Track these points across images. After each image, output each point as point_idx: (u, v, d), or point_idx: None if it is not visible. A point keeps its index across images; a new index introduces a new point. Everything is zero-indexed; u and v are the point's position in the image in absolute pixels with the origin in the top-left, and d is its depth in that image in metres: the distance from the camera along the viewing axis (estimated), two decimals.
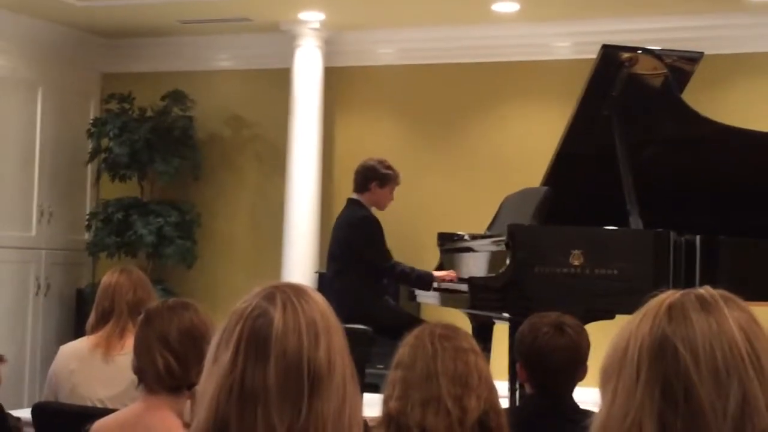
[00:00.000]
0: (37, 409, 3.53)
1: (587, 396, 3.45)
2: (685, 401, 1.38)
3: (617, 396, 1.45)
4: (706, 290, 1.47)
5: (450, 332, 2.42)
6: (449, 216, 7.84)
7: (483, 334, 5.78)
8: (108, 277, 3.86)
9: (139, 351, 2.80)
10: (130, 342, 3.47)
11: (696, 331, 1.40)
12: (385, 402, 2.37)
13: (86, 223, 8.71)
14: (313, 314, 1.58)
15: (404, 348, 2.41)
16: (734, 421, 1.36)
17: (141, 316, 2.87)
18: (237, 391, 1.53)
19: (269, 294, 1.60)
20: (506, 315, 5.20)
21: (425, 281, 6.06)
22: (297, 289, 1.62)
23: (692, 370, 1.38)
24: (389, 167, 6.23)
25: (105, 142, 8.53)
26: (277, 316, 1.56)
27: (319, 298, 1.63)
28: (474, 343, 2.43)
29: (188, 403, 2.61)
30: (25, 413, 4.09)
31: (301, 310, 1.58)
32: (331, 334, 1.58)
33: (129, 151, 8.34)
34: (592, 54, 5.46)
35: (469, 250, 6.05)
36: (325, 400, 1.53)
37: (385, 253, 6.10)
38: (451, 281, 5.94)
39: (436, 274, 6.05)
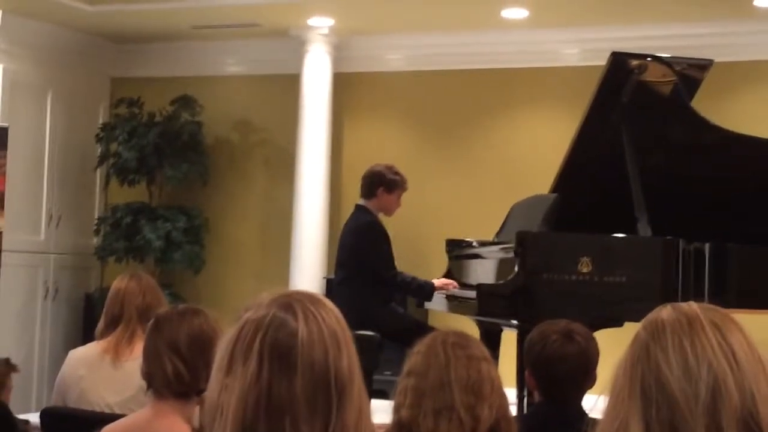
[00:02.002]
0: (46, 414, 3.54)
1: (596, 404, 3.44)
2: (658, 392, 1.48)
3: (610, 404, 1.56)
4: (688, 304, 1.58)
5: (462, 340, 2.42)
6: (457, 222, 7.84)
7: (491, 341, 5.76)
8: (118, 283, 3.86)
9: (149, 356, 2.80)
10: (139, 347, 3.47)
11: (666, 329, 1.53)
12: (396, 410, 2.37)
13: (95, 227, 8.72)
14: (333, 324, 1.57)
15: (416, 356, 2.40)
16: (706, 405, 1.46)
17: (151, 322, 2.87)
18: (264, 404, 1.52)
19: (285, 304, 1.58)
20: (514, 322, 5.20)
21: (425, 291, 6.05)
22: (313, 299, 1.60)
23: (662, 361, 1.50)
24: (397, 173, 6.22)
25: (114, 146, 8.55)
26: (300, 327, 1.55)
27: (333, 307, 1.62)
28: (486, 352, 2.43)
29: (197, 409, 2.61)
30: (33, 417, 4.11)
31: (322, 320, 1.56)
32: (349, 343, 1.58)
33: (138, 156, 8.36)
34: (602, 61, 5.46)
35: (477, 256, 6.05)
36: (348, 408, 1.53)
37: (388, 262, 6.08)
38: (450, 290, 5.95)
39: (436, 283, 6.04)
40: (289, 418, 1.51)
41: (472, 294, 5.32)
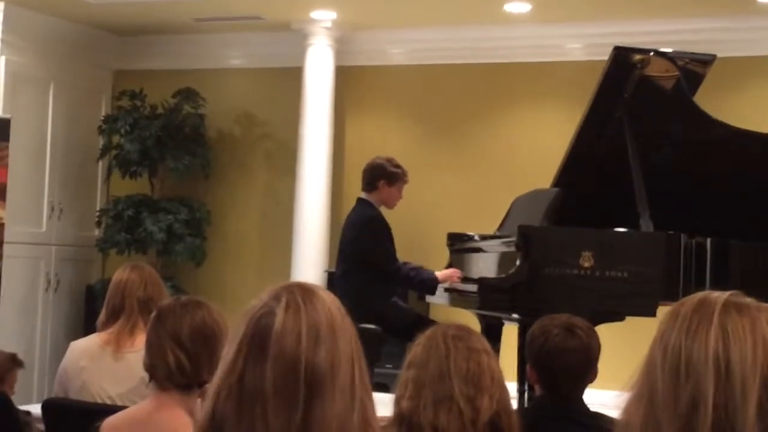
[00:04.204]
0: (48, 406, 3.54)
1: (597, 398, 3.45)
2: (648, 393, 1.46)
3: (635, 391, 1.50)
4: (731, 294, 1.49)
5: (463, 333, 2.42)
6: (459, 216, 7.84)
7: (492, 334, 5.77)
8: (119, 274, 3.86)
9: (151, 348, 2.80)
10: (140, 339, 3.48)
11: (676, 324, 1.47)
12: (397, 401, 2.37)
13: (96, 219, 8.73)
14: (316, 316, 1.57)
15: (417, 348, 2.41)
16: (684, 418, 1.42)
17: (153, 314, 2.87)
18: (236, 390, 1.54)
19: (277, 293, 1.60)
20: (516, 316, 5.20)
21: (428, 286, 6.02)
22: (305, 290, 1.61)
23: (659, 365, 1.45)
24: (397, 165, 6.21)
25: (116, 138, 8.56)
26: (278, 316, 1.56)
27: (329, 299, 1.62)
28: (486, 344, 2.43)
29: (199, 401, 2.62)
30: (34, 408, 4.10)
31: (304, 310, 1.57)
32: (336, 337, 1.56)
33: (140, 148, 8.36)
34: (604, 55, 5.46)
35: (478, 250, 6.05)
36: (325, 403, 1.52)
37: (389, 256, 6.07)
38: (455, 281, 5.94)
39: (440, 275, 6.01)
40: (258, 405, 1.51)
41: (474, 288, 5.32)
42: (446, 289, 5.99)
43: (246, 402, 1.52)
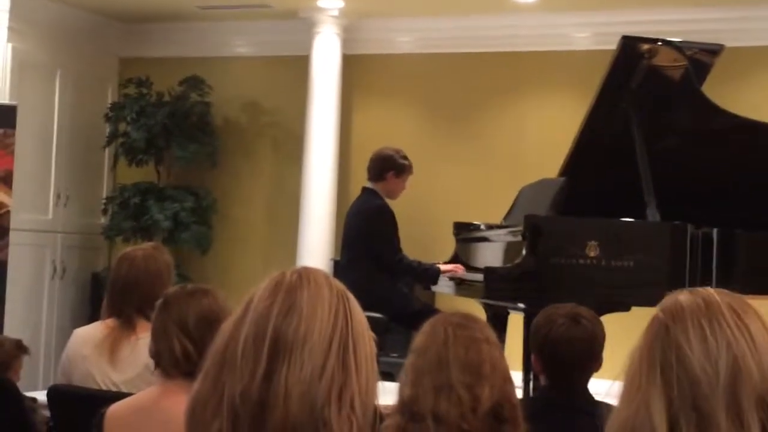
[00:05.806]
0: (53, 392, 3.54)
1: (602, 387, 3.45)
2: (679, 371, 1.52)
3: (626, 389, 1.58)
4: (704, 289, 1.62)
5: (466, 321, 2.42)
6: (465, 205, 7.84)
7: (498, 324, 5.76)
8: (119, 266, 3.80)
9: (157, 335, 2.80)
10: (142, 326, 3.49)
11: (685, 311, 1.56)
12: (400, 389, 2.37)
13: (103, 207, 8.74)
14: (297, 290, 1.61)
15: (419, 335, 2.41)
16: (726, 385, 1.50)
17: (159, 301, 2.87)
18: (221, 351, 1.60)
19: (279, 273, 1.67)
20: (521, 305, 5.20)
21: (430, 275, 6.04)
22: (303, 270, 1.66)
23: (682, 341, 1.53)
24: (405, 157, 6.23)
25: (122, 126, 8.56)
26: (263, 286, 1.63)
27: (327, 283, 1.64)
28: (490, 334, 2.42)
29: None
30: (39, 395, 4.11)
31: (287, 283, 1.62)
32: (315, 314, 1.59)
33: (146, 136, 8.37)
34: (612, 45, 5.44)
35: (484, 240, 6.05)
36: (292, 369, 1.55)
37: (394, 247, 6.07)
38: (458, 273, 5.94)
39: (442, 268, 6.03)
40: (230, 367, 1.57)
41: (480, 277, 5.31)
42: (452, 278, 6.00)
43: (223, 367, 1.58)
